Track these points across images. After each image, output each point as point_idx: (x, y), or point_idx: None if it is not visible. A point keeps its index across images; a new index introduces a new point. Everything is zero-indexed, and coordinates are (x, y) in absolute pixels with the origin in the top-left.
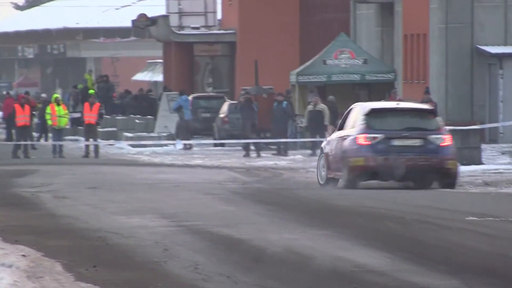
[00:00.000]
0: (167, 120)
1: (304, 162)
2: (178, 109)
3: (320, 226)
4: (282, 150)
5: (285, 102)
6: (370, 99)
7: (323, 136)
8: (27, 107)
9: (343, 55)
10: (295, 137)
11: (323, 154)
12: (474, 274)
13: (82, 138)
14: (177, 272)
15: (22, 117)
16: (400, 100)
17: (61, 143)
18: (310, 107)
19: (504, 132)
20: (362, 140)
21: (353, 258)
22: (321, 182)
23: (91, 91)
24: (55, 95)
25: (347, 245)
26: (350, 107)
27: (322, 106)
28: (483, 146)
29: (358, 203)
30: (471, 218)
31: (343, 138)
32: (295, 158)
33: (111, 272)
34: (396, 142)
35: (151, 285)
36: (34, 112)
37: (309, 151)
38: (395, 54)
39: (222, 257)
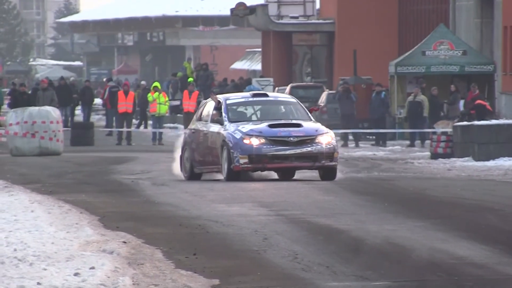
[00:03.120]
0: None
1: (403, 152)
2: None
3: (419, 217)
4: (380, 141)
5: (383, 93)
6: (468, 91)
7: (422, 127)
8: (131, 94)
9: (442, 46)
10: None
11: None
12: None
13: (182, 126)
14: (277, 261)
15: (124, 104)
16: (478, 94)
17: (160, 130)
18: (410, 98)
19: None
20: None
21: (452, 250)
22: None
23: (190, 79)
24: (155, 84)
25: (445, 237)
26: None
27: (422, 97)
28: None
29: (457, 194)
30: None
31: None
32: (394, 148)
33: (210, 260)
34: None
35: (250, 273)
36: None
37: (407, 142)
38: (494, 46)
39: (320, 247)
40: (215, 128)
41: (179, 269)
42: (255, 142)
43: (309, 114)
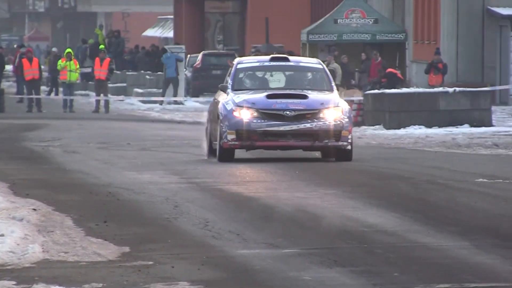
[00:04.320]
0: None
1: None
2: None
3: (330, 185)
4: None
5: None
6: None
7: None
8: (35, 60)
9: (354, 15)
10: None
11: None
12: (483, 236)
13: (93, 93)
14: (187, 229)
15: (30, 71)
16: (380, 62)
17: (71, 97)
18: None
19: None
20: None
21: (363, 218)
22: None
23: (102, 47)
24: (68, 50)
25: (357, 205)
26: None
27: (335, 65)
28: (494, 108)
29: (368, 162)
30: (481, 179)
31: None
32: None
33: (121, 227)
34: None
35: (161, 241)
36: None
37: None
38: (406, 14)
39: (232, 214)
40: (221, 97)
41: (89, 237)
42: (245, 115)
43: (332, 83)
